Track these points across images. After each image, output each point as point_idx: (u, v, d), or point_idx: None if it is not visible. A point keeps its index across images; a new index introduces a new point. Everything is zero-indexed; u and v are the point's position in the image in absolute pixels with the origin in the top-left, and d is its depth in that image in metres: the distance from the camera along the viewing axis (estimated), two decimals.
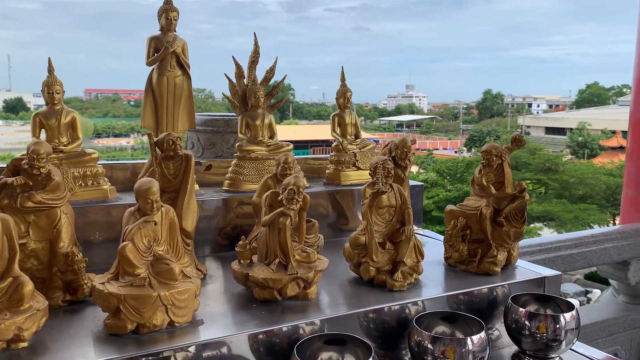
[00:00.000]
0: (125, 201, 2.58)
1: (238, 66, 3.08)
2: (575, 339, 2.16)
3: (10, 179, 1.96)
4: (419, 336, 1.92)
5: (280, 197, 2.11)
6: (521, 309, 2.16)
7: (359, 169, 3.25)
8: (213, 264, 2.61)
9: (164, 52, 2.60)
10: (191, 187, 2.27)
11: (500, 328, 2.34)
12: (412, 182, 3.08)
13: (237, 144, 3.01)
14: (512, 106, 74.95)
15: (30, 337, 1.69)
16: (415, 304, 2.16)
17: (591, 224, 17.83)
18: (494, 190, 2.51)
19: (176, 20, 2.65)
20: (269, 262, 2.10)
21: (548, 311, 2.23)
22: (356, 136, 3.38)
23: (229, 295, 2.20)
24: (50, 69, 2.50)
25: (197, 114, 3.13)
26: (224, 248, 2.77)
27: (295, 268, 2.07)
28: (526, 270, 2.56)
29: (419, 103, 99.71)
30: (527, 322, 2.13)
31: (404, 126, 70.58)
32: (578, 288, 14.05)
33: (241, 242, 2.16)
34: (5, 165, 2.06)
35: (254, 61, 3.03)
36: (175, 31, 2.67)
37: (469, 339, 1.88)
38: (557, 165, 20.94)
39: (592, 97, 66.45)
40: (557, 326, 2.09)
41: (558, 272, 2.52)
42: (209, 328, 1.87)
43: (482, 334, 1.92)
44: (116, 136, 53.52)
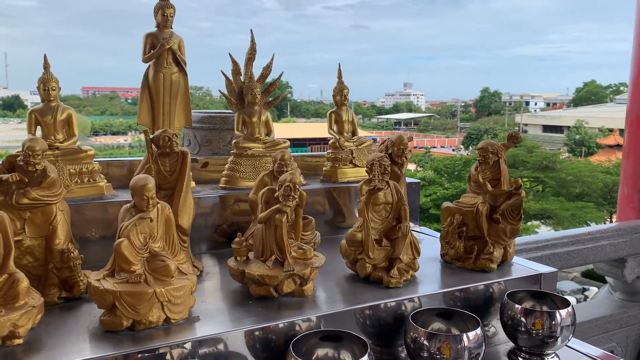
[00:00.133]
0: (121, 198, 2.57)
1: (235, 63, 3.08)
2: (571, 335, 2.16)
3: (5, 176, 1.95)
4: (415, 332, 1.92)
5: (276, 194, 2.11)
6: (517, 305, 2.17)
7: (355, 166, 3.25)
8: (209, 261, 2.61)
9: (160, 49, 2.60)
10: (187, 183, 2.27)
11: (497, 325, 2.34)
12: (408, 180, 3.08)
13: (234, 141, 3.01)
14: (510, 104, 75.01)
15: (25, 333, 1.68)
16: (412, 300, 2.16)
17: (588, 222, 17.88)
18: (490, 187, 2.51)
19: (172, 17, 2.64)
20: (265, 258, 2.10)
21: (544, 308, 2.23)
22: (353, 133, 3.38)
23: (225, 292, 2.19)
24: (46, 66, 2.49)
25: (194, 111, 3.13)
26: (220, 245, 2.77)
27: (291, 265, 2.07)
28: (522, 267, 2.56)
29: (417, 101, 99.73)
30: (523, 319, 2.13)
31: (402, 124, 70.56)
32: (575, 286, 14.09)
33: (237, 239, 2.16)
34: (1, 162, 2.05)
35: (250, 58, 3.03)
36: (171, 28, 2.66)
37: (464, 335, 1.89)
38: (554, 163, 20.99)
39: (590, 95, 66.53)
40: (553, 323, 2.10)
41: (554, 269, 2.52)
42: (205, 325, 1.87)
43: (478, 330, 1.92)
44: (114, 134, 53.46)
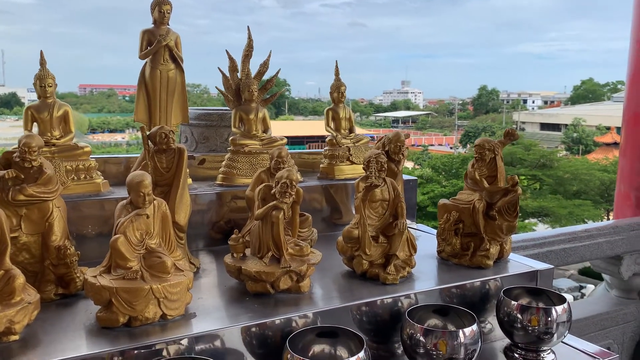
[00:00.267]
0: (118, 195, 2.57)
1: (232, 60, 3.07)
2: (567, 331, 2.17)
3: (1, 172, 1.95)
4: (411, 329, 1.92)
5: (273, 191, 2.11)
6: (513, 302, 2.17)
7: (352, 163, 3.24)
8: (206, 257, 2.61)
9: (157, 46, 2.59)
10: (184, 180, 2.27)
11: (493, 321, 2.35)
12: (406, 177, 3.08)
13: (231, 138, 3.00)
14: (507, 102, 75.16)
15: (21, 330, 1.68)
16: (408, 297, 2.16)
17: (585, 220, 17.93)
18: (486, 184, 2.51)
19: (169, 13, 2.63)
20: (261, 255, 2.10)
21: (540, 304, 2.23)
22: (350, 130, 3.38)
23: (222, 288, 2.19)
24: (42, 62, 2.48)
25: (191, 107, 3.13)
26: (217, 242, 2.77)
27: (288, 261, 2.07)
28: (518, 263, 2.57)
29: (415, 99, 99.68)
30: (519, 315, 2.13)
31: (400, 122, 70.59)
32: (572, 283, 14.14)
33: (234, 236, 2.16)
34: None
35: (247, 55, 3.02)
36: (168, 24, 2.65)
37: (460, 331, 1.89)
38: (551, 161, 21.04)
39: (587, 93, 66.62)
40: (549, 319, 2.10)
41: (550, 266, 2.53)
42: (201, 321, 1.87)
43: (474, 326, 1.92)
44: (111, 132, 53.35)
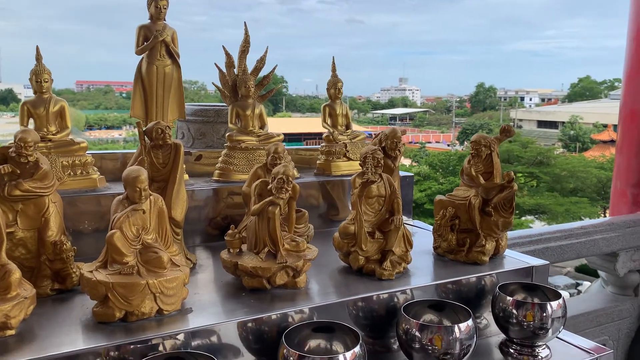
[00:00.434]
0: (114, 191, 2.56)
1: (228, 56, 3.07)
2: (562, 327, 2.18)
3: None
4: (407, 324, 1.93)
5: (269, 187, 2.11)
6: (509, 297, 2.18)
7: (349, 159, 3.25)
8: (203, 253, 2.62)
9: (154, 41, 2.59)
10: (180, 176, 2.27)
11: (488, 317, 2.36)
12: (402, 173, 3.09)
13: (228, 134, 3.00)
14: (505, 100, 75.20)
15: (17, 324, 1.68)
16: (404, 292, 2.17)
17: (582, 217, 17.97)
18: (482, 180, 2.52)
19: (165, 8, 2.63)
20: (258, 251, 2.11)
21: (535, 300, 2.24)
22: (347, 127, 3.38)
23: (218, 284, 2.20)
24: (38, 57, 2.48)
25: (188, 103, 3.12)
26: (214, 238, 2.77)
27: (284, 257, 2.07)
28: (514, 259, 2.58)
29: (412, 96, 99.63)
30: (514, 311, 2.14)
31: (397, 119, 70.57)
32: (569, 280, 14.19)
33: (230, 231, 2.16)
34: None
35: (244, 51, 3.02)
36: (164, 20, 2.65)
37: (456, 326, 1.90)
38: (548, 159, 21.08)
39: (584, 90, 66.69)
40: (544, 314, 2.11)
41: (545, 262, 2.54)
42: (197, 316, 1.88)
43: (470, 321, 1.93)
44: (108, 128, 53.21)
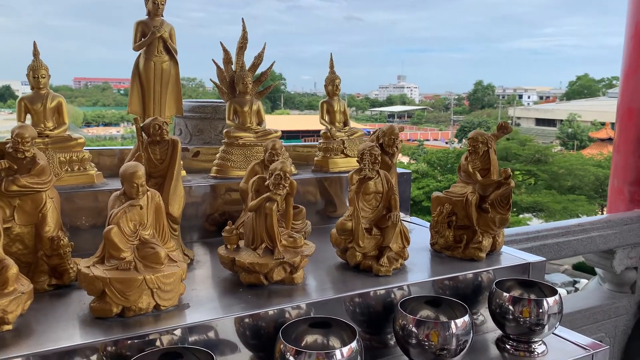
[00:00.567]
0: (111, 187, 2.56)
1: (226, 52, 3.07)
2: (558, 323, 2.19)
3: None
4: (404, 320, 1.94)
5: (267, 183, 2.11)
6: (505, 293, 2.19)
7: (347, 156, 3.25)
8: (200, 249, 2.62)
9: (151, 37, 2.58)
10: (177, 172, 2.27)
11: (485, 313, 2.36)
12: (400, 170, 3.09)
13: (225, 130, 3.00)
14: (503, 97, 75.17)
15: (14, 320, 1.68)
16: (401, 288, 2.17)
17: (579, 215, 18.01)
18: (479, 177, 2.52)
19: (163, 5, 2.62)
20: (255, 247, 2.11)
21: (532, 296, 2.25)
22: (345, 124, 3.38)
23: (215, 280, 2.20)
24: (35, 53, 2.47)
25: (185, 100, 3.12)
26: (211, 234, 2.77)
27: (281, 253, 2.07)
28: (511, 256, 2.58)
29: (411, 94, 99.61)
30: (510, 307, 2.15)
31: (395, 117, 70.54)
32: (566, 278, 14.23)
33: (228, 227, 2.16)
34: None
35: (242, 47, 3.02)
36: (162, 16, 2.64)
37: (452, 322, 1.90)
38: (546, 157, 21.12)
39: (582, 88, 66.74)
40: (540, 310, 2.12)
41: (542, 258, 2.54)
42: (195, 311, 1.88)
43: (466, 317, 1.94)
44: (106, 125, 53.13)
